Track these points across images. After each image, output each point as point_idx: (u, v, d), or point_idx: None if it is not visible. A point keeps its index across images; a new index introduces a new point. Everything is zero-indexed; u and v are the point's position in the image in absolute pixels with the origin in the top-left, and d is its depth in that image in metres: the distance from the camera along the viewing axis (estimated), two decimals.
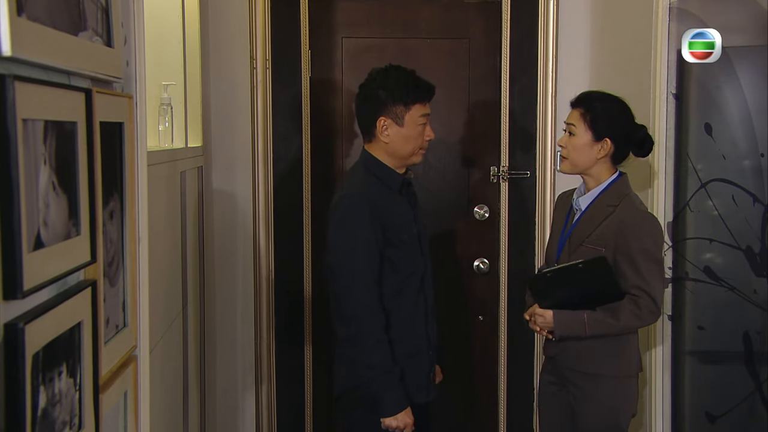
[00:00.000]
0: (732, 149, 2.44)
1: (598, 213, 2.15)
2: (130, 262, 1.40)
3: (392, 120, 2.11)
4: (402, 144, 2.12)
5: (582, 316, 2.09)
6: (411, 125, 2.11)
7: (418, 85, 2.12)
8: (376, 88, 2.12)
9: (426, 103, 2.13)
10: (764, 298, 2.44)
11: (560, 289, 2.10)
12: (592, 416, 2.18)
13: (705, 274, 2.47)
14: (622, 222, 2.10)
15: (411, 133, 2.11)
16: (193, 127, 2.61)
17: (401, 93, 2.09)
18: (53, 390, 1.03)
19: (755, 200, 2.43)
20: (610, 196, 2.16)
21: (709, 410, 2.50)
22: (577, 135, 2.16)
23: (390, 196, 2.14)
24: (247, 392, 2.97)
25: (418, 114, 2.11)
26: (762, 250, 2.43)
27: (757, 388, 2.47)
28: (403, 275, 2.14)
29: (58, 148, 1.04)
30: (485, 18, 2.97)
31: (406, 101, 2.09)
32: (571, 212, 2.25)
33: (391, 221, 2.10)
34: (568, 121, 2.20)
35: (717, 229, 2.45)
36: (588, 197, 2.19)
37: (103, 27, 1.26)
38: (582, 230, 2.16)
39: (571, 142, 2.17)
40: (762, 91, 2.44)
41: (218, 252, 2.90)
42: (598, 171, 2.17)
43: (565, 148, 2.19)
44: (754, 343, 2.46)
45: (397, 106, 2.09)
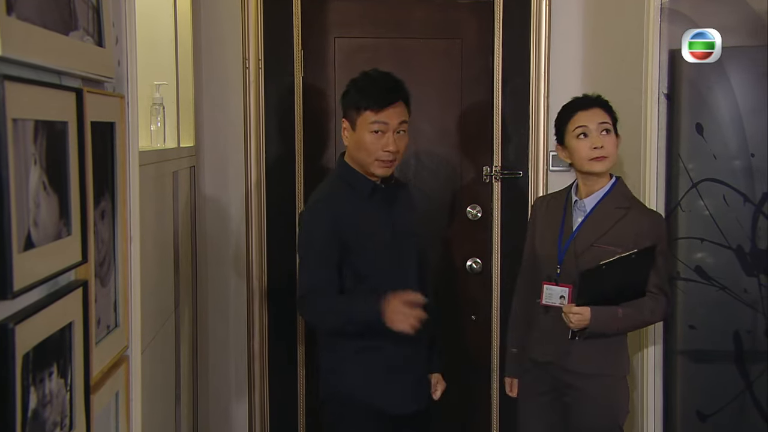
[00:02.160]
0: (723, 149, 2.45)
1: (608, 214, 2.17)
2: (121, 263, 1.40)
3: (349, 123, 2.11)
4: (355, 149, 2.09)
5: (616, 312, 2.10)
6: (361, 131, 2.06)
7: (373, 91, 2.06)
8: (348, 88, 2.13)
9: (377, 111, 2.04)
10: (755, 298, 2.46)
11: (605, 283, 2.10)
12: (595, 417, 2.18)
13: (696, 273, 2.48)
14: (642, 224, 2.15)
15: (361, 139, 2.06)
16: (185, 127, 2.60)
17: (357, 97, 2.08)
18: (44, 391, 1.03)
19: (746, 200, 2.44)
20: (616, 198, 2.19)
21: (700, 409, 2.51)
22: (613, 132, 2.19)
23: (359, 202, 2.11)
24: (240, 392, 2.97)
25: (367, 121, 2.05)
26: (752, 250, 2.45)
27: (748, 388, 2.48)
28: (372, 282, 2.08)
29: (48, 148, 1.04)
30: (478, 18, 2.97)
31: (358, 106, 2.07)
32: (567, 214, 2.23)
33: (353, 229, 2.07)
34: (600, 120, 2.19)
35: (708, 228, 2.46)
36: (593, 198, 2.20)
37: (94, 27, 1.25)
38: (590, 231, 2.17)
39: (611, 140, 2.18)
40: (752, 92, 2.46)
41: (210, 252, 2.89)
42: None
43: (604, 148, 2.17)
44: (745, 342, 2.48)
45: (351, 110, 2.09)
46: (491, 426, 3.09)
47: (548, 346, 2.22)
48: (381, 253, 2.11)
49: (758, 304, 2.46)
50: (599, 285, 2.09)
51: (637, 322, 2.18)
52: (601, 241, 2.14)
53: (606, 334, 2.13)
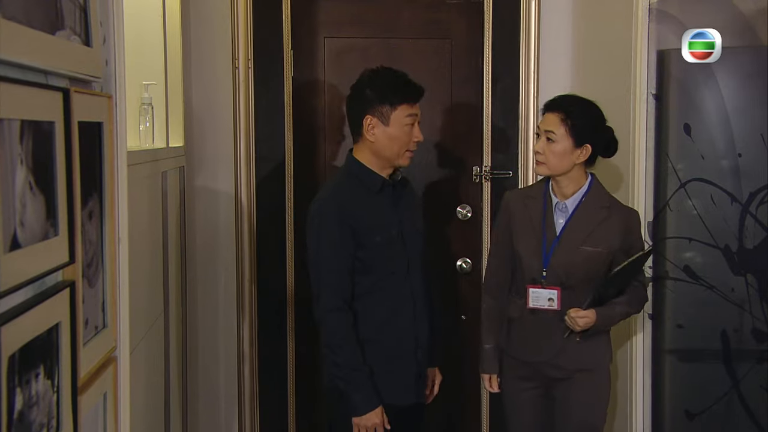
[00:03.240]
0: (710, 149, 2.47)
1: (591, 215, 2.18)
2: (109, 263, 1.40)
3: (378, 119, 2.13)
4: (387, 144, 2.14)
5: (614, 309, 2.17)
6: (397, 125, 2.12)
7: (405, 85, 2.14)
8: (364, 87, 2.15)
9: (413, 104, 2.14)
10: (742, 297, 2.48)
11: (614, 287, 2.17)
12: (584, 406, 2.22)
13: (684, 273, 2.49)
14: (625, 222, 2.20)
15: (397, 132, 2.13)
16: (175, 127, 2.59)
17: (388, 92, 2.12)
18: (30, 392, 1.03)
19: (733, 200, 2.46)
20: (596, 198, 2.20)
21: (688, 408, 2.53)
22: (556, 141, 2.14)
23: (368, 197, 2.15)
24: (230, 392, 2.96)
25: (404, 114, 2.12)
26: (739, 249, 2.47)
27: (735, 386, 2.50)
28: (377, 276, 2.14)
29: (35, 148, 1.04)
30: (467, 19, 2.98)
31: (392, 101, 2.11)
32: (548, 216, 2.22)
33: (362, 223, 2.11)
34: (546, 128, 2.16)
35: (696, 228, 2.48)
36: (574, 200, 2.20)
37: (81, 26, 1.25)
38: (575, 233, 2.18)
39: (550, 148, 2.15)
40: (739, 92, 2.48)
41: (200, 252, 2.88)
42: (576, 174, 2.19)
43: (542, 154, 2.17)
44: (732, 341, 2.49)
45: (384, 106, 2.12)
46: (481, 424, 3.10)
47: (538, 347, 2.23)
48: (388, 248, 2.15)
49: (745, 304, 2.47)
50: (610, 290, 2.16)
51: (624, 315, 2.24)
52: (588, 242, 2.16)
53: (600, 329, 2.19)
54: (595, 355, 2.24)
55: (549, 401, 2.28)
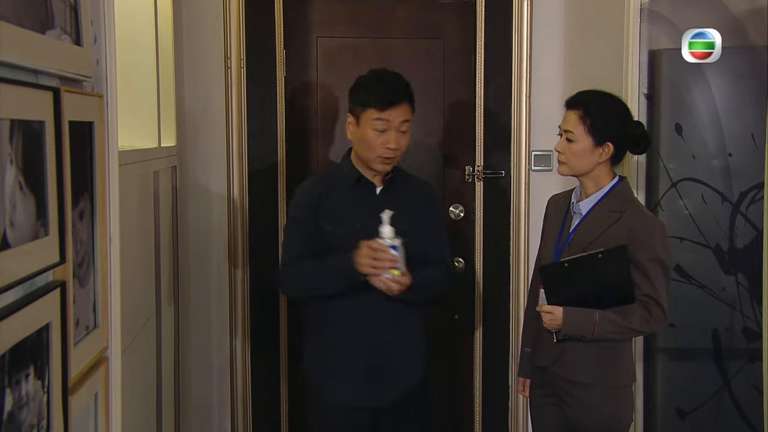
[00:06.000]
0: (702, 149, 2.48)
1: (602, 219, 2.06)
2: (101, 263, 1.39)
3: (354, 118, 2.17)
4: (358, 144, 2.18)
5: (593, 315, 1.99)
6: (364, 128, 2.13)
7: (378, 90, 2.12)
8: (354, 85, 2.20)
9: (381, 110, 2.09)
10: (732, 296, 2.49)
11: (574, 283, 2.01)
12: (591, 427, 2.09)
13: (676, 272, 2.50)
14: (632, 230, 2.01)
15: (364, 135, 2.13)
16: (167, 126, 2.58)
17: (360, 94, 2.15)
18: (20, 392, 1.02)
19: (723, 199, 2.47)
20: (612, 202, 2.07)
21: (679, 406, 2.54)
22: (576, 141, 2.05)
23: (340, 188, 2.20)
24: (222, 392, 2.96)
25: (371, 118, 2.11)
26: (730, 249, 2.48)
27: (726, 385, 2.51)
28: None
29: (25, 148, 1.03)
30: (460, 18, 2.98)
31: (363, 103, 2.13)
32: (567, 216, 2.16)
33: (325, 207, 2.18)
34: (565, 127, 2.08)
35: (687, 228, 2.49)
36: (589, 202, 2.10)
37: (71, 25, 1.24)
38: (583, 235, 2.08)
39: (570, 148, 2.06)
40: (730, 93, 2.49)
41: (193, 252, 2.88)
42: (598, 174, 2.08)
43: (562, 154, 2.09)
44: (723, 340, 2.51)
45: (357, 106, 2.16)
46: (474, 424, 3.10)
47: (543, 351, 2.16)
48: (345, 240, 2.10)
49: (736, 303, 2.49)
50: (564, 283, 2.03)
51: (622, 329, 2.01)
52: (591, 246, 2.04)
53: (586, 338, 2.03)
54: (601, 371, 2.07)
55: (563, 414, 2.15)
